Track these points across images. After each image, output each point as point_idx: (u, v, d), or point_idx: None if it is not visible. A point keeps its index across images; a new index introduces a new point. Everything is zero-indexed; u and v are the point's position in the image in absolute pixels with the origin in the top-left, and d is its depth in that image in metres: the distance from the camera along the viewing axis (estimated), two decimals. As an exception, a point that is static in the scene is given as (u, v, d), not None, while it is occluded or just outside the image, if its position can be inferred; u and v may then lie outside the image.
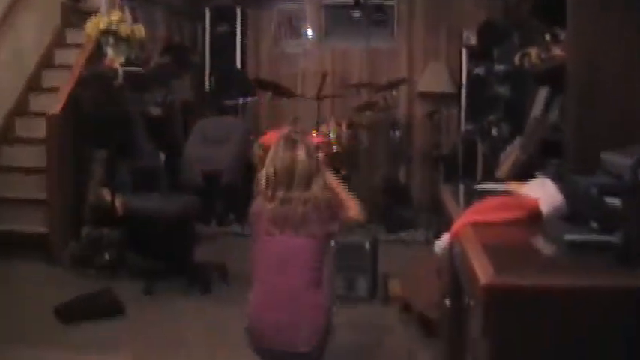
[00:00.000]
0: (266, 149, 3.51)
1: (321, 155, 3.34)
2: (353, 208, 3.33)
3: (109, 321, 4.54)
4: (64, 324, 4.46)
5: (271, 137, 3.66)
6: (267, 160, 3.23)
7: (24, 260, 5.82)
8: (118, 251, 5.66)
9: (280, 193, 3.14)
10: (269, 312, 3.10)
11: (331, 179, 3.38)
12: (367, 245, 5.01)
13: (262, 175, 3.23)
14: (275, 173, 3.17)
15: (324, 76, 7.69)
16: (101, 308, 4.62)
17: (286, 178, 3.14)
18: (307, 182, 3.14)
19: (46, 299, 4.77)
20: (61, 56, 7.23)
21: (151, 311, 4.81)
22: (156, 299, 5.07)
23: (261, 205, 3.22)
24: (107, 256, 5.60)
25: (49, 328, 4.38)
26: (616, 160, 2.15)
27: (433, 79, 8.42)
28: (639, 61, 3.08)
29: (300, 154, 3.17)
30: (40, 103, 6.71)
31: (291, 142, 3.22)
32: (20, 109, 6.92)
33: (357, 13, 8.28)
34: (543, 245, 1.89)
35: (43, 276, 5.60)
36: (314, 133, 7.29)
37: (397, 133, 8.16)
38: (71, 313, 4.51)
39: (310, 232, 3.09)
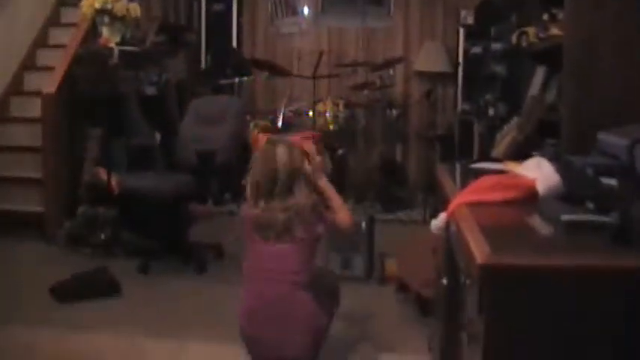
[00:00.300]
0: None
1: (308, 159, 3.28)
2: (343, 216, 3.31)
3: (104, 300, 4.54)
4: (60, 303, 4.46)
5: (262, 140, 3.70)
6: (251, 168, 3.21)
7: (19, 239, 5.83)
8: (114, 230, 5.66)
9: (262, 202, 3.12)
10: (258, 318, 3.12)
11: (324, 184, 3.33)
12: (363, 224, 5.01)
13: (247, 182, 3.21)
14: (257, 181, 3.15)
15: (320, 55, 7.66)
16: (97, 287, 4.62)
17: (268, 185, 3.11)
18: (289, 188, 3.10)
19: (41, 278, 4.78)
20: (56, 35, 7.20)
21: (146, 290, 4.81)
22: (151, 278, 5.07)
23: (247, 212, 3.20)
24: (102, 235, 5.60)
25: (45, 308, 4.38)
26: (612, 140, 2.14)
27: (430, 58, 8.40)
28: (637, 41, 3.06)
29: (281, 159, 3.12)
30: (34, 82, 6.69)
31: (271, 148, 3.18)
32: (15, 89, 6.90)
33: (353, -8, 8.25)
34: (540, 225, 1.89)
35: (38, 255, 5.60)
36: (310, 113, 7.29)
37: (394, 112, 8.14)
38: (66, 292, 4.52)
39: (294, 237, 3.07)
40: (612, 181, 1.87)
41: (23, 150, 6.39)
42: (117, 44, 6.04)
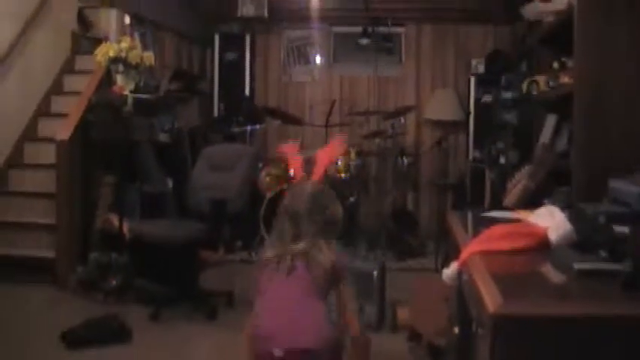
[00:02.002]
0: (281, 160, 3.47)
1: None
2: (355, 324, 3.22)
3: (115, 346, 4.52)
4: (71, 349, 4.44)
5: (288, 149, 3.63)
6: (279, 209, 3.17)
7: (31, 284, 5.82)
8: (125, 276, 5.65)
9: (286, 245, 3.05)
10: (266, 323, 3.04)
11: (344, 288, 3.16)
12: (375, 273, 4.99)
13: (275, 226, 3.16)
14: (283, 222, 3.11)
15: (332, 103, 7.72)
16: (108, 333, 4.61)
17: (293, 228, 3.07)
18: (314, 238, 3.04)
19: (52, 324, 4.77)
20: (71, 82, 7.28)
21: (157, 337, 4.79)
22: (162, 325, 5.05)
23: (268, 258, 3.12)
24: (114, 282, 5.59)
25: (56, 353, 4.36)
26: (624, 187, 2.15)
27: (441, 106, 8.45)
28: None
29: (306, 198, 3.09)
30: (49, 128, 6.74)
31: (299, 189, 3.15)
32: (29, 135, 6.95)
33: (365, 41, 8.33)
34: (552, 273, 1.88)
35: (49, 300, 5.59)
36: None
37: (405, 160, 8.16)
38: (78, 339, 4.50)
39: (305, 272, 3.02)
40: (624, 229, 1.87)
41: (37, 196, 6.42)
42: (131, 92, 6.09)
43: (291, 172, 3.41)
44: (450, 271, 2.34)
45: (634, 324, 1.47)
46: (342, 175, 7.52)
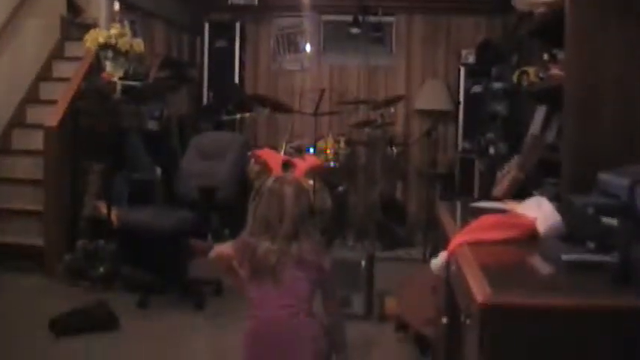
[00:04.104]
0: (260, 163, 3.43)
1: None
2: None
3: (103, 334, 4.52)
4: (58, 337, 4.43)
5: (266, 154, 3.59)
6: (257, 202, 3.13)
7: (18, 272, 5.81)
8: (113, 264, 5.64)
9: (266, 242, 2.99)
10: (262, 341, 3.02)
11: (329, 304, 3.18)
12: (363, 263, 5.00)
13: (249, 219, 3.13)
14: (266, 218, 3.04)
15: (321, 92, 7.71)
16: (95, 321, 4.60)
17: (274, 225, 3.00)
18: (294, 233, 2.99)
19: (40, 311, 4.76)
20: (60, 69, 7.24)
21: (145, 325, 4.79)
22: (150, 313, 5.05)
23: (245, 248, 3.08)
24: (102, 269, 5.57)
25: (43, 341, 4.35)
26: (613, 179, 2.15)
27: (431, 96, 8.46)
28: (637, 80, 3.09)
29: (289, 202, 3.00)
30: (37, 115, 6.71)
31: (279, 188, 3.05)
32: (18, 121, 6.92)
33: (355, 30, 8.32)
34: (540, 264, 1.89)
35: (37, 288, 5.58)
36: (311, 150, 7.29)
37: (394, 150, 8.16)
38: (65, 326, 4.49)
39: (290, 277, 3.01)
40: (613, 221, 1.88)
41: (24, 182, 6.40)
42: (120, 79, 6.07)
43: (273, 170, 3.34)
44: (438, 261, 2.34)
45: (621, 315, 1.48)
46: (331, 164, 7.53)
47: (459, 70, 8.26)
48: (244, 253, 3.05)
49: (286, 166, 3.39)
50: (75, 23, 7.46)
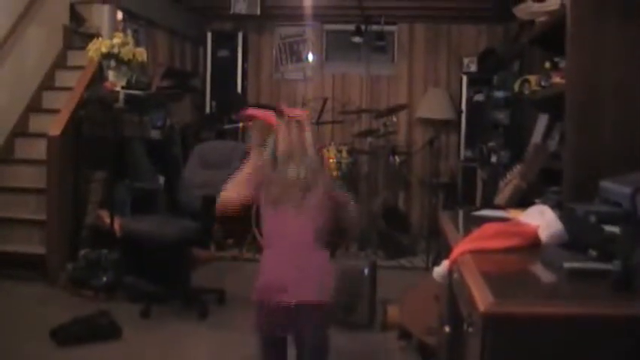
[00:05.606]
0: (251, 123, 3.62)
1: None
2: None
3: (105, 344, 4.51)
4: (60, 346, 4.42)
5: (253, 112, 3.77)
6: (276, 141, 3.35)
7: (21, 280, 5.81)
8: (116, 273, 5.64)
9: (292, 171, 3.26)
10: (276, 272, 3.15)
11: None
12: (366, 271, 4.99)
13: (268, 151, 3.35)
14: (283, 152, 3.30)
15: (324, 101, 7.72)
16: (98, 331, 4.59)
17: (296, 155, 3.29)
18: (318, 161, 3.38)
19: (42, 320, 4.75)
20: (62, 78, 7.26)
21: (147, 334, 4.78)
22: (153, 322, 5.04)
23: (265, 176, 3.33)
24: (104, 278, 5.57)
25: (45, 350, 4.35)
26: (615, 188, 2.15)
27: (433, 105, 8.46)
28: (638, 88, 3.09)
29: (307, 128, 3.37)
30: (40, 124, 6.72)
31: (294, 122, 3.37)
32: (20, 130, 6.93)
33: (358, 39, 8.34)
34: (542, 273, 1.89)
35: (39, 297, 5.57)
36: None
37: (397, 159, 8.17)
38: (67, 336, 4.49)
39: (310, 206, 3.21)
40: (615, 229, 1.88)
41: (27, 191, 6.40)
42: (123, 88, 6.08)
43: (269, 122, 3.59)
44: (441, 270, 2.34)
45: (623, 324, 1.48)
46: (334, 173, 7.53)
47: (461, 79, 8.28)
48: (269, 180, 3.31)
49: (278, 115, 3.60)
50: (78, 32, 7.48)
